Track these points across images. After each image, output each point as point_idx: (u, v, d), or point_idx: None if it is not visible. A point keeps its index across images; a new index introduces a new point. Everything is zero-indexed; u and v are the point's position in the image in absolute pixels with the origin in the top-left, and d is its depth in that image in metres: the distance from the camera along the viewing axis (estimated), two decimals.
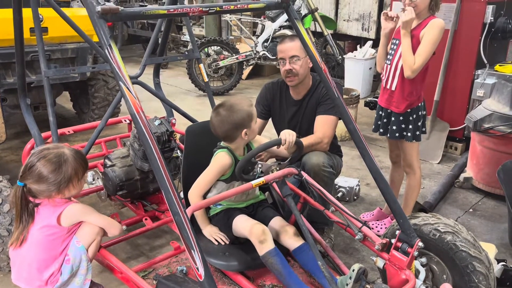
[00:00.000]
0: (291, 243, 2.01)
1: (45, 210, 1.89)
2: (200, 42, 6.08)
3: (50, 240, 1.88)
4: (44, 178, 1.82)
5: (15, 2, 2.39)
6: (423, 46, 2.41)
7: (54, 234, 1.88)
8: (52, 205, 1.90)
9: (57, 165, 1.84)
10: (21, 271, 1.90)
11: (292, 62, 2.47)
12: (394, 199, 1.87)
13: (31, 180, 1.84)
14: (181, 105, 3.22)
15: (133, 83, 2.05)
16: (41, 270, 1.87)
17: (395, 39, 2.60)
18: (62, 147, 1.93)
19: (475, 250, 1.82)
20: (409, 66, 2.43)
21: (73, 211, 1.91)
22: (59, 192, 1.87)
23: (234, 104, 2.06)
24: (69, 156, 1.88)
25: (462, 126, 4.02)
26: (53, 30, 3.77)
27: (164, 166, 1.43)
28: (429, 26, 2.41)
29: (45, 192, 1.86)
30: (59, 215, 1.88)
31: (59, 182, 1.84)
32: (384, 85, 2.66)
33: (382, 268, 1.88)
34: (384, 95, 2.67)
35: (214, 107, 2.13)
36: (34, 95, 4.00)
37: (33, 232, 1.88)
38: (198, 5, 1.71)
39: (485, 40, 3.79)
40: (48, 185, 1.83)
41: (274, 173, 2.02)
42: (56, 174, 1.83)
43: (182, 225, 1.40)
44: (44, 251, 1.87)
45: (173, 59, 3.38)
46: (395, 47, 2.57)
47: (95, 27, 1.45)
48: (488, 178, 3.31)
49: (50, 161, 1.84)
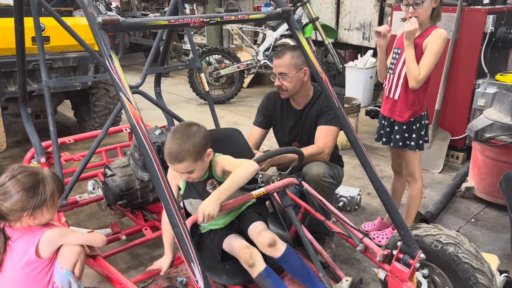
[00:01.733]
0: (269, 254, 1.91)
1: (21, 243, 1.75)
2: (201, 51, 6.11)
3: (33, 277, 1.76)
4: (18, 194, 1.68)
5: (16, 12, 2.40)
6: (427, 57, 2.39)
7: (36, 268, 1.76)
8: (28, 235, 1.76)
9: (34, 181, 1.72)
10: None
11: (281, 78, 2.52)
12: (395, 210, 1.85)
13: (2, 197, 1.68)
14: (182, 114, 3.22)
15: (134, 93, 2.05)
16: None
17: (396, 48, 2.58)
18: (41, 168, 1.86)
19: (478, 261, 1.80)
20: (414, 77, 2.41)
21: (50, 237, 1.77)
22: (31, 215, 1.72)
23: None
24: (47, 175, 1.78)
25: (463, 135, 4.01)
26: (55, 39, 3.79)
27: (163, 176, 1.42)
28: (432, 36, 2.40)
29: (17, 212, 1.70)
30: (37, 246, 1.75)
31: (33, 202, 1.70)
32: (387, 94, 2.63)
33: (383, 279, 1.86)
34: (387, 104, 2.64)
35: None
36: (35, 104, 4.01)
37: (11, 267, 1.74)
38: (199, 16, 1.71)
39: (485, 49, 3.80)
40: (22, 203, 1.68)
41: (275, 183, 2.01)
42: (32, 191, 1.70)
43: (181, 237, 1.39)
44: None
45: (174, 69, 3.38)
46: (397, 56, 2.55)
47: (95, 37, 1.45)
48: (490, 188, 3.30)
49: (27, 177, 1.72)
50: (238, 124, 5.19)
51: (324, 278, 1.83)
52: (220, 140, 2.32)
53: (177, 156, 1.82)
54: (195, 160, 1.85)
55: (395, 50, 2.59)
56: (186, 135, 1.84)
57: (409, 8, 2.36)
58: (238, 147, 2.37)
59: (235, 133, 2.43)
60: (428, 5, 2.35)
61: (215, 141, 2.29)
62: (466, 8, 3.87)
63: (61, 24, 2.58)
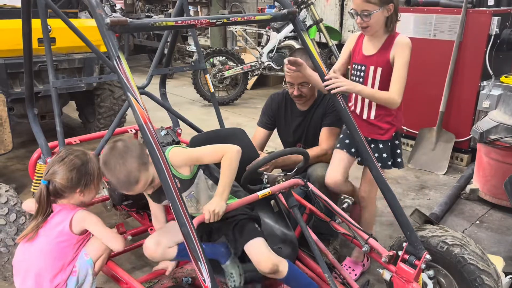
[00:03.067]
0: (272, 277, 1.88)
1: (59, 216, 1.91)
2: (205, 52, 6.12)
3: (61, 248, 1.88)
4: (71, 173, 1.88)
5: (24, 13, 2.42)
6: (399, 71, 2.09)
7: (66, 241, 1.89)
8: (66, 209, 1.92)
9: (85, 160, 1.93)
10: (26, 280, 1.89)
11: (301, 87, 2.50)
12: (401, 211, 1.86)
13: (59, 176, 1.87)
14: (186, 115, 3.23)
15: (140, 94, 2.06)
16: (48, 280, 1.86)
17: (358, 64, 2.21)
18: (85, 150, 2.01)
19: (484, 263, 1.80)
20: (391, 102, 2.11)
21: (82, 216, 1.92)
22: (82, 191, 1.92)
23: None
24: (92, 156, 1.98)
25: (468, 137, 4.01)
26: (61, 41, 3.81)
27: (171, 176, 1.43)
28: (399, 47, 2.10)
29: (71, 189, 1.90)
30: (71, 220, 1.89)
31: (85, 179, 1.90)
32: (358, 114, 2.28)
33: (389, 280, 1.86)
34: (361, 125, 2.22)
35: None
36: (41, 105, 4.03)
37: (43, 238, 1.87)
38: (205, 17, 1.73)
39: (490, 51, 3.79)
40: (75, 180, 1.88)
41: (280, 184, 2.02)
42: (83, 169, 1.91)
43: (189, 236, 1.40)
44: (53, 259, 1.87)
45: (180, 70, 3.40)
46: (362, 74, 2.20)
47: (104, 38, 1.46)
48: (495, 190, 3.29)
49: (78, 157, 1.92)
50: (242, 125, 5.19)
51: (330, 279, 1.83)
52: (224, 140, 2.33)
53: (130, 180, 1.73)
54: (146, 169, 1.76)
55: (357, 66, 2.23)
56: (121, 158, 1.73)
57: (358, 18, 2.07)
58: (242, 146, 2.37)
59: (239, 132, 2.44)
60: (378, 15, 2.03)
61: (219, 141, 2.30)
62: (470, 10, 3.87)
63: (69, 26, 2.60)
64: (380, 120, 2.23)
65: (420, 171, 4.04)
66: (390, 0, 2.03)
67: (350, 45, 2.29)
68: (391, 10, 2.06)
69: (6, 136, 3.43)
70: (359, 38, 2.26)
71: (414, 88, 4.31)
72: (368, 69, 2.18)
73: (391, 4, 2.04)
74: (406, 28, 4.24)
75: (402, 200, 3.47)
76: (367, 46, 2.19)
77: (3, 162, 4.12)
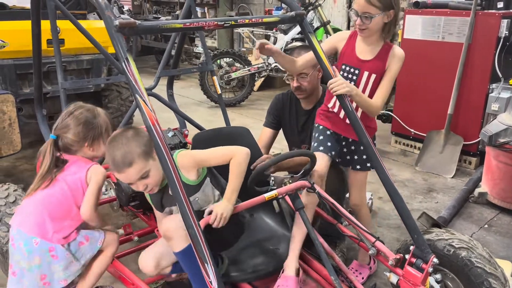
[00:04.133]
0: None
1: (76, 166, 1.92)
2: (212, 54, 6.13)
3: (73, 189, 1.87)
4: (79, 127, 1.91)
5: (34, 15, 2.44)
6: (389, 82, 2.09)
7: (80, 189, 1.89)
8: (83, 161, 1.94)
9: (92, 114, 1.96)
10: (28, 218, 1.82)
11: (300, 78, 2.49)
12: (408, 214, 1.85)
13: (66, 129, 1.90)
14: (193, 116, 3.24)
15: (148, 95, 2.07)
16: (54, 219, 1.82)
17: (352, 67, 2.15)
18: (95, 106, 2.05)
19: (491, 266, 1.78)
20: (378, 110, 2.12)
21: (95, 170, 1.92)
22: (91, 145, 1.95)
23: None
24: (101, 112, 2.02)
25: (477, 140, 3.98)
26: (70, 42, 3.83)
27: (178, 178, 1.43)
28: (396, 58, 2.08)
29: (79, 142, 1.92)
30: (86, 172, 1.90)
31: (92, 133, 1.93)
32: (342, 118, 2.22)
33: (396, 284, 1.85)
34: (344, 126, 2.21)
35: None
36: (49, 105, 4.05)
37: (61, 182, 1.87)
38: (213, 19, 1.73)
39: (499, 54, 3.76)
40: (83, 134, 1.91)
41: (287, 186, 2.01)
42: (91, 122, 1.94)
43: (196, 238, 1.40)
44: (63, 199, 1.85)
45: (187, 72, 3.42)
46: (354, 77, 2.14)
47: (112, 40, 1.47)
48: (504, 194, 3.26)
49: (87, 110, 1.96)
50: (248, 126, 5.14)
51: (336, 282, 1.82)
52: (226, 138, 2.34)
53: (124, 160, 1.69)
54: (145, 158, 1.72)
55: (348, 68, 2.15)
56: (126, 138, 1.73)
57: (358, 20, 2.01)
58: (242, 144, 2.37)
59: (243, 131, 2.44)
60: (379, 19, 1.99)
61: (222, 140, 2.31)
62: (480, 12, 3.85)
63: (77, 27, 2.62)
64: (363, 122, 2.16)
65: (428, 174, 4.01)
66: (391, 6, 1.99)
67: (338, 43, 2.19)
68: (391, 17, 2.02)
69: (15, 137, 3.45)
70: (350, 39, 2.17)
71: (422, 90, 4.31)
72: (362, 74, 2.12)
73: (392, 11, 2.00)
74: (414, 30, 4.23)
75: (410, 203, 3.45)
76: (362, 50, 2.12)
77: (11, 162, 4.15)
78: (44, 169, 1.87)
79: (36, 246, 1.79)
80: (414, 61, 4.32)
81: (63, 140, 1.92)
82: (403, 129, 4.53)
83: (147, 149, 1.72)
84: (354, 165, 2.30)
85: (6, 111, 3.35)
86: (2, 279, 2.43)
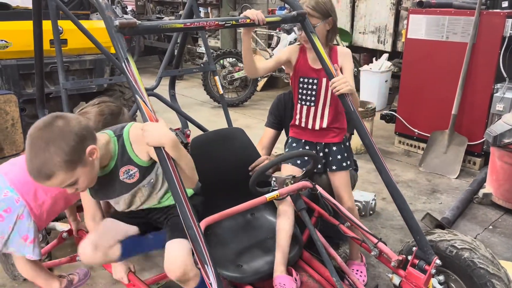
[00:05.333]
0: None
1: None
2: (215, 54, 6.13)
3: None
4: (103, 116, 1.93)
5: (35, 15, 2.44)
6: (350, 77, 2.16)
7: None
8: None
9: (118, 111, 2.01)
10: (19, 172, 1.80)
11: None
12: (410, 215, 1.83)
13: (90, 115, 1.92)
14: (196, 116, 3.23)
15: (149, 95, 2.06)
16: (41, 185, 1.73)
17: (309, 78, 2.21)
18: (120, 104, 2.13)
19: (494, 267, 1.76)
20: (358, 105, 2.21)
21: None
22: None
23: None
24: (126, 113, 2.07)
25: (481, 140, 3.95)
26: (72, 42, 3.85)
27: (178, 179, 1.42)
28: (344, 56, 2.20)
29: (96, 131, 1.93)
30: None
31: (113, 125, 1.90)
32: (310, 127, 2.27)
33: (398, 285, 1.83)
34: (313, 134, 2.28)
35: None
36: (52, 106, 4.07)
37: None
38: (214, 19, 1.72)
39: (504, 53, 3.73)
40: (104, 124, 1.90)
41: (289, 187, 2.00)
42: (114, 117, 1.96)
43: (195, 239, 1.39)
44: None
45: (189, 72, 3.42)
46: (314, 86, 2.20)
47: (112, 40, 1.47)
48: (508, 195, 3.23)
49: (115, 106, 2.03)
50: (251, 127, 5.19)
51: (338, 283, 1.81)
52: (223, 140, 2.34)
53: (40, 172, 1.41)
54: (69, 169, 1.44)
55: (306, 80, 2.21)
56: (45, 141, 1.41)
57: (302, 33, 2.08)
58: (238, 144, 2.37)
59: (239, 132, 2.43)
60: (321, 28, 2.11)
61: (219, 141, 2.30)
62: (484, 11, 3.82)
63: (79, 27, 2.62)
64: (331, 125, 2.26)
65: (431, 175, 3.99)
66: (329, 14, 2.12)
67: (292, 56, 2.24)
68: (331, 23, 2.15)
69: (18, 137, 3.47)
70: (301, 52, 2.23)
71: (426, 90, 4.29)
72: (321, 82, 2.19)
73: (330, 18, 2.13)
74: (418, 30, 4.21)
75: (413, 204, 3.43)
76: (314, 60, 2.18)
77: None
78: None
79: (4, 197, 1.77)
80: (418, 61, 4.30)
81: None
82: (407, 130, 4.50)
83: (72, 157, 1.43)
84: (330, 167, 2.30)
85: (9, 111, 3.37)
86: (3, 279, 2.43)
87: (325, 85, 2.19)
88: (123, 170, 1.65)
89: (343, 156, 2.29)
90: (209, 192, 2.14)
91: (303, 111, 2.27)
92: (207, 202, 2.05)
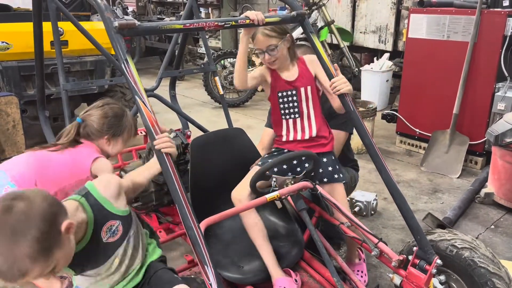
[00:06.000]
0: None
1: (87, 150, 2.00)
2: (216, 54, 6.13)
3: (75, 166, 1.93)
4: (107, 118, 2.02)
5: (35, 16, 2.45)
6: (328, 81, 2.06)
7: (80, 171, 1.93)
8: (93, 148, 2.02)
9: (121, 113, 2.08)
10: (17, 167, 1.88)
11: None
12: (411, 215, 1.82)
13: (94, 117, 2.01)
14: (197, 117, 3.23)
15: (149, 96, 2.07)
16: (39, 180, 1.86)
17: (288, 91, 2.16)
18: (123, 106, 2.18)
19: (494, 266, 1.76)
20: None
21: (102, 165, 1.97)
22: (109, 140, 2.05)
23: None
24: (129, 113, 2.14)
25: (483, 140, 3.94)
26: (73, 43, 3.85)
27: (178, 180, 1.42)
28: (314, 63, 2.15)
29: (100, 133, 2.02)
30: (94, 160, 1.96)
31: (116, 129, 2.04)
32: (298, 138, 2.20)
33: (399, 285, 1.82)
34: (300, 144, 2.20)
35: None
36: (53, 107, 4.08)
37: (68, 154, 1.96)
38: (214, 20, 1.72)
39: (505, 52, 3.72)
40: (106, 126, 2.01)
41: (289, 187, 2.00)
42: (118, 119, 2.05)
43: (195, 240, 1.39)
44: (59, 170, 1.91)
45: (189, 72, 3.42)
46: (295, 98, 2.16)
47: (112, 42, 1.47)
48: (510, 194, 3.22)
49: (118, 108, 2.10)
50: (252, 127, 5.19)
51: (339, 284, 1.80)
52: (223, 140, 2.33)
53: (12, 272, 1.12)
54: (45, 257, 1.16)
55: (285, 93, 2.17)
56: (10, 232, 1.12)
57: (265, 56, 2.07)
58: (239, 145, 2.36)
59: (239, 132, 2.42)
60: (282, 47, 2.09)
61: (218, 142, 2.29)
62: (485, 10, 3.81)
63: (78, 29, 2.62)
64: (320, 133, 2.20)
65: (433, 174, 3.98)
66: (286, 32, 2.11)
67: (266, 74, 2.20)
68: (290, 41, 2.13)
69: (19, 138, 3.48)
70: (270, 71, 2.19)
71: (427, 90, 4.28)
72: (299, 91, 2.16)
73: (288, 35, 2.12)
74: (419, 29, 4.20)
75: (415, 204, 3.42)
76: (286, 75, 2.17)
77: None
78: (62, 141, 1.99)
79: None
80: (419, 61, 4.29)
81: (86, 127, 2.02)
82: (408, 129, 4.49)
83: (46, 243, 1.16)
84: (321, 179, 2.20)
85: (10, 113, 3.38)
86: None
87: (304, 94, 2.16)
88: (105, 229, 1.44)
89: (334, 168, 2.21)
90: (210, 193, 2.14)
91: (290, 125, 2.20)
92: (208, 203, 2.06)
